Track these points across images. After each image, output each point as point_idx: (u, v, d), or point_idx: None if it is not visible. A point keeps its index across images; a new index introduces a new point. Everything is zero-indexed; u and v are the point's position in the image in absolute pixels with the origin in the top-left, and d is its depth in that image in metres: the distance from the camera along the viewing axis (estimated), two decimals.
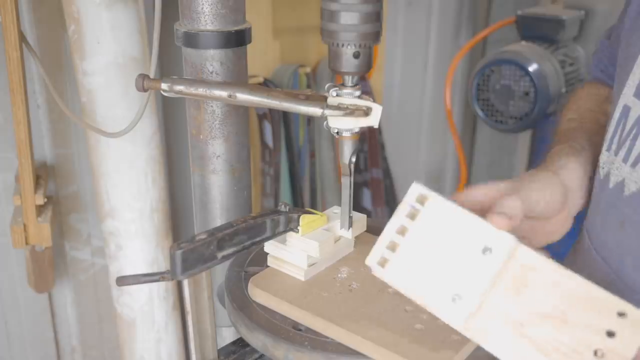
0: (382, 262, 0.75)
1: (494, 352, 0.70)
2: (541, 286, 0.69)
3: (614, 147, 0.81)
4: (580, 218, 0.92)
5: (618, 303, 0.67)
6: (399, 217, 0.76)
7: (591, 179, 0.88)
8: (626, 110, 0.80)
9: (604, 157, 0.84)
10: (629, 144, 0.78)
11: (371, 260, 0.76)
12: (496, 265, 0.71)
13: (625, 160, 0.79)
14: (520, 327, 0.69)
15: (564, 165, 0.85)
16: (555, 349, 0.67)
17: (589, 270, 0.86)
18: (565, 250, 0.98)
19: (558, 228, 0.84)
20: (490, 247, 0.71)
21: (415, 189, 0.76)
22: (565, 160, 0.86)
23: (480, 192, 0.78)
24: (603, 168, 0.84)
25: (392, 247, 0.75)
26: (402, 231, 0.75)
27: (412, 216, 0.76)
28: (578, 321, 0.67)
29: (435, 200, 0.76)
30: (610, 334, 0.67)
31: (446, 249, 0.73)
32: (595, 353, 0.66)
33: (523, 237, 0.74)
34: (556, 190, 0.81)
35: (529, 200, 0.77)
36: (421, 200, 0.76)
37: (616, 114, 0.82)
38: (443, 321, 0.73)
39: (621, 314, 0.67)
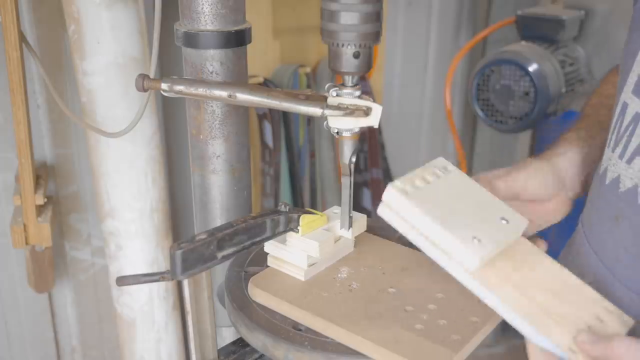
0: (405, 192, 0.76)
1: (496, 305, 0.72)
2: (542, 270, 0.75)
3: (612, 143, 0.82)
4: (577, 212, 0.93)
5: (606, 302, 0.74)
6: (423, 170, 0.79)
7: (593, 165, 0.91)
8: (624, 107, 0.81)
9: (604, 154, 0.85)
10: (625, 140, 0.79)
11: (393, 187, 0.76)
12: (511, 232, 0.76)
13: (621, 156, 0.80)
14: (523, 289, 0.72)
15: (563, 153, 0.91)
16: (555, 311, 0.70)
17: (583, 265, 0.87)
18: (563, 244, 0.99)
19: (557, 209, 0.91)
20: (507, 218, 0.76)
21: (440, 161, 0.81)
22: (565, 149, 0.92)
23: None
24: (602, 164, 0.85)
25: (415, 186, 0.76)
26: (426, 180, 0.78)
27: (437, 175, 0.79)
28: (573, 302, 0.72)
29: (459, 172, 0.80)
30: (600, 320, 0.72)
31: (468, 203, 0.77)
32: (589, 328, 0.69)
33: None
34: (546, 176, 0.89)
35: (516, 185, 0.87)
36: (445, 168, 0.80)
37: (616, 111, 0.83)
38: (447, 267, 0.74)
39: (608, 310, 0.73)
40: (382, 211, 0.78)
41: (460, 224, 0.73)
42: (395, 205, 0.76)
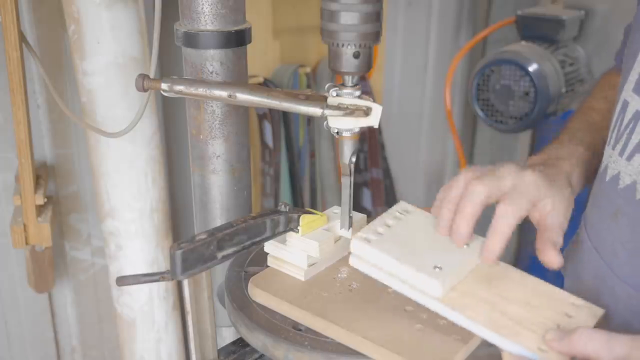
0: (368, 240, 0.81)
1: (468, 325, 0.75)
2: (508, 285, 0.79)
3: (612, 141, 0.83)
4: (578, 206, 0.93)
5: (574, 298, 0.78)
6: (383, 218, 0.86)
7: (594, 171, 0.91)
8: (625, 105, 0.82)
9: (605, 151, 0.86)
10: (625, 137, 0.80)
11: (357, 239, 0.82)
12: (473, 255, 0.80)
13: (621, 153, 0.80)
14: (492, 304, 0.76)
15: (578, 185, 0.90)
16: (523, 317, 0.74)
17: (584, 261, 0.87)
18: (566, 242, 0.99)
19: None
20: (469, 243, 0.81)
21: (401, 205, 0.88)
22: (580, 180, 0.90)
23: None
24: (603, 162, 0.86)
25: (377, 233, 0.83)
26: (387, 225, 0.84)
27: (398, 219, 0.86)
28: (541, 306, 0.76)
29: (420, 212, 0.87)
30: (569, 316, 0.75)
31: (428, 237, 0.82)
32: (558, 326, 0.73)
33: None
34: (565, 199, 0.85)
35: (544, 211, 0.83)
36: (405, 211, 0.87)
37: (617, 109, 0.84)
38: (418, 300, 0.78)
39: (576, 305, 0.77)
40: (353, 262, 0.83)
41: (421, 257, 0.79)
42: (361, 253, 0.82)
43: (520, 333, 0.72)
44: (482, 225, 0.82)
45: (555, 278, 1.00)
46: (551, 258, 0.80)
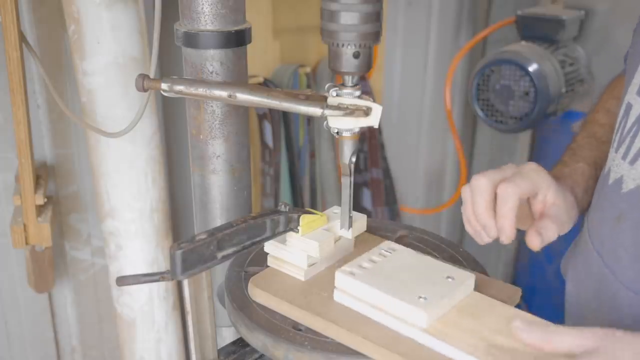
0: (352, 274, 0.83)
1: (454, 355, 0.74)
2: (493, 317, 0.78)
3: (615, 144, 0.82)
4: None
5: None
6: (369, 254, 0.87)
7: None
8: (628, 108, 0.81)
9: (609, 154, 0.86)
10: (628, 141, 0.79)
11: (341, 272, 0.83)
12: (458, 288, 0.80)
13: (624, 157, 0.80)
14: (477, 334, 0.75)
15: (582, 200, 0.91)
16: (511, 349, 0.73)
17: (586, 264, 0.87)
18: (567, 244, 0.99)
19: (568, 227, 0.89)
20: (454, 277, 0.82)
21: (386, 244, 0.90)
22: (584, 195, 0.91)
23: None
24: (606, 165, 0.85)
25: (362, 267, 0.84)
26: (372, 260, 0.86)
27: (383, 256, 0.87)
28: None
29: (406, 250, 0.89)
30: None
31: (413, 270, 0.84)
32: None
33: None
34: (572, 216, 0.88)
35: (563, 224, 0.85)
36: (391, 249, 0.89)
37: (620, 112, 0.83)
38: (402, 332, 0.78)
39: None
40: (337, 296, 0.83)
41: (405, 289, 0.80)
42: (346, 287, 0.82)
43: None
44: None
45: (556, 277, 1.00)
46: (532, 243, 0.82)
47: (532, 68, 1.96)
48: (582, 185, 0.91)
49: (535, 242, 0.81)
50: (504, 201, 0.81)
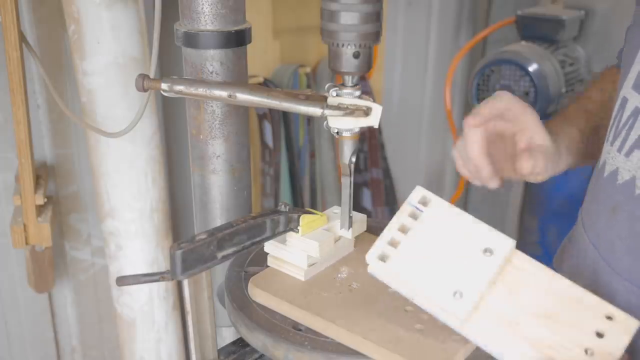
0: (383, 257, 0.77)
1: (490, 349, 0.72)
2: (535, 289, 0.73)
3: (610, 137, 0.84)
4: (577, 206, 0.93)
5: (607, 307, 0.72)
6: (401, 216, 0.79)
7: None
8: (624, 101, 0.83)
9: (603, 147, 0.87)
10: (624, 134, 0.81)
11: (372, 255, 0.77)
12: (495, 266, 0.74)
13: (620, 149, 0.81)
14: (515, 325, 0.72)
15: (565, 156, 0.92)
16: (548, 346, 0.70)
17: (581, 256, 0.88)
18: (562, 238, 1.00)
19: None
20: (491, 248, 0.74)
21: (419, 192, 0.79)
22: (567, 154, 0.92)
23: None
24: (601, 158, 0.87)
25: (394, 244, 0.77)
26: (403, 229, 0.78)
27: (415, 216, 0.78)
28: (569, 321, 0.71)
29: (438, 202, 0.79)
30: (599, 335, 0.70)
31: (447, 247, 0.76)
32: (586, 351, 0.69)
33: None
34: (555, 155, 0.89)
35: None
36: (424, 202, 0.79)
37: (616, 106, 0.84)
38: (440, 319, 0.75)
39: (609, 317, 0.71)
40: (372, 271, 0.79)
41: (439, 281, 0.74)
42: (378, 274, 0.79)
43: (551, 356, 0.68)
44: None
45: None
46: (523, 163, 0.83)
47: (532, 68, 1.96)
48: (567, 144, 0.92)
49: (526, 164, 0.82)
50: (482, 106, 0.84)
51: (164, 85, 0.88)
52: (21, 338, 1.79)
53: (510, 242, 0.76)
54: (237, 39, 1.03)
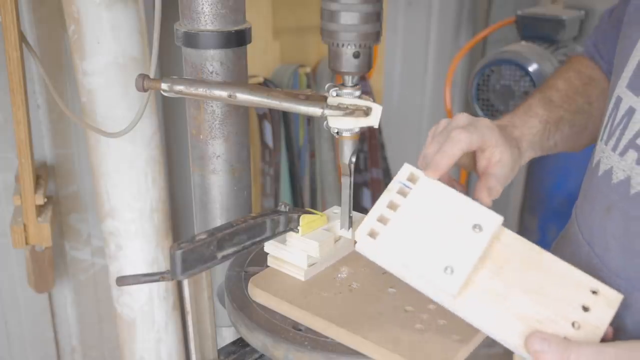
0: (373, 234, 0.77)
1: (479, 325, 0.73)
2: (522, 265, 0.75)
3: (605, 136, 0.84)
4: (571, 203, 0.94)
5: (591, 281, 0.74)
6: (390, 193, 0.79)
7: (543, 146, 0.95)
8: (618, 101, 0.83)
9: (597, 146, 0.87)
10: (618, 133, 0.81)
11: (361, 232, 0.77)
12: (485, 242, 0.75)
13: (614, 149, 0.81)
14: (504, 301, 0.73)
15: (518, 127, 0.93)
16: (537, 320, 0.71)
17: (575, 254, 0.88)
18: (556, 235, 1.00)
19: (500, 162, 0.89)
20: (480, 224, 0.76)
21: (407, 169, 0.80)
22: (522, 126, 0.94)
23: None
24: (595, 156, 0.87)
25: (383, 221, 0.77)
26: (393, 206, 0.78)
27: (404, 194, 0.79)
28: (556, 296, 0.72)
29: (426, 179, 0.80)
30: (585, 309, 0.72)
31: (437, 223, 0.77)
32: (573, 325, 0.70)
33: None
34: (513, 157, 0.89)
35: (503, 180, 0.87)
36: (412, 179, 0.80)
37: (610, 105, 0.85)
38: (431, 296, 0.75)
39: (594, 292, 0.74)
40: (360, 248, 0.78)
41: (429, 257, 0.74)
42: (367, 252, 0.77)
43: (538, 329, 0.70)
44: None
45: None
46: (483, 200, 0.83)
47: (532, 68, 1.96)
48: (529, 138, 0.93)
49: (486, 199, 0.83)
50: (453, 143, 0.82)
51: (164, 85, 0.88)
52: (21, 338, 1.79)
53: (499, 218, 0.77)
54: (237, 39, 1.03)
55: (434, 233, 0.76)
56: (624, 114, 0.80)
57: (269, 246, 0.91)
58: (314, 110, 0.86)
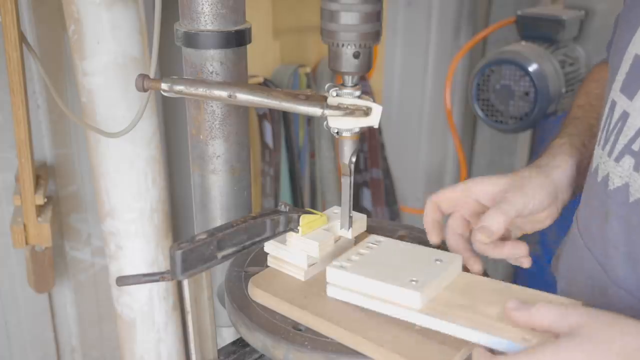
0: (343, 267, 0.84)
1: (451, 329, 0.76)
2: (485, 291, 0.81)
3: (601, 141, 0.83)
4: (573, 207, 0.93)
5: (552, 297, 0.78)
6: (355, 249, 0.88)
7: (584, 174, 0.92)
8: (613, 104, 0.81)
9: (595, 151, 0.86)
10: (613, 138, 0.79)
11: (332, 266, 0.84)
12: (447, 270, 0.82)
13: (610, 154, 0.80)
14: (470, 307, 0.77)
15: (559, 165, 0.91)
16: (502, 318, 0.74)
17: (577, 259, 0.87)
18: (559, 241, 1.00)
19: (545, 219, 0.91)
20: (442, 259, 0.84)
21: (371, 237, 0.92)
22: (561, 160, 0.92)
23: (479, 188, 0.89)
24: (593, 162, 0.85)
25: (351, 261, 0.85)
26: (360, 253, 0.87)
27: (369, 249, 0.89)
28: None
29: (391, 240, 0.91)
30: None
31: (402, 258, 0.86)
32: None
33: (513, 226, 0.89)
34: (545, 193, 0.88)
35: (517, 207, 0.85)
36: (377, 242, 0.91)
37: (605, 109, 0.83)
38: (397, 315, 0.79)
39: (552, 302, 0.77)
40: (331, 291, 0.84)
41: (396, 275, 0.81)
42: (338, 280, 0.83)
43: (503, 328, 0.73)
44: None
45: (547, 279, 1.00)
46: (473, 268, 0.87)
47: (532, 68, 1.96)
48: (552, 153, 0.93)
49: (483, 238, 0.84)
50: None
51: (164, 85, 0.88)
52: (21, 338, 1.79)
53: (459, 257, 0.85)
54: (237, 39, 1.03)
55: (399, 262, 0.85)
56: (619, 119, 0.79)
57: (269, 246, 0.91)
58: (314, 110, 0.86)
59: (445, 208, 0.91)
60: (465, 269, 0.87)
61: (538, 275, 1.29)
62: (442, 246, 0.92)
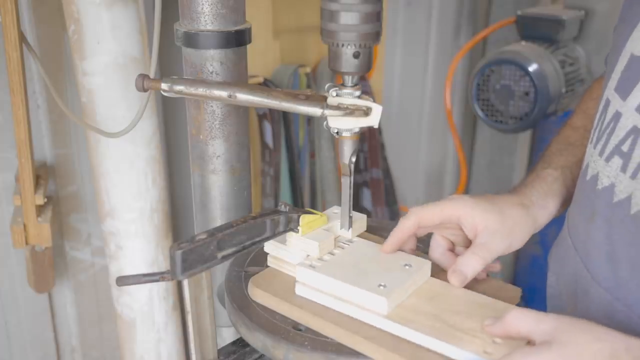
0: (313, 266, 0.85)
1: (414, 337, 0.76)
2: (451, 299, 0.81)
3: (594, 139, 0.83)
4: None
5: (508, 307, 0.79)
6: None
7: (566, 206, 0.93)
8: (607, 103, 0.81)
9: (587, 150, 0.86)
10: (605, 138, 0.79)
11: (301, 265, 0.85)
12: (415, 274, 0.83)
13: (600, 154, 0.80)
14: (435, 316, 0.78)
15: (546, 207, 0.91)
16: (467, 327, 0.76)
17: (564, 258, 0.87)
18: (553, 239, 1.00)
19: (518, 244, 0.90)
20: (411, 263, 0.85)
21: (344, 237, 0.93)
22: (551, 201, 0.92)
23: (466, 219, 0.87)
24: (585, 160, 0.85)
25: (322, 261, 0.87)
26: (331, 254, 0.89)
27: (341, 249, 0.90)
28: (483, 315, 0.77)
29: (362, 240, 0.93)
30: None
31: (372, 260, 0.87)
32: (494, 341, 0.73)
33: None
34: (527, 235, 0.89)
35: (497, 254, 0.86)
36: (349, 242, 0.92)
37: (600, 107, 0.83)
38: (363, 318, 0.79)
39: None
40: (299, 290, 0.85)
41: (365, 278, 0.82)
42: (307, 279, 0.84)
43: (465, 339, 0.73)
44: None
45: (542, 274, 1.00)
46: (452, 282, 0.85)
47: (532, 68, 1.96)
48: (544, 190, 0.92)
49: (455, 282, 0.84)
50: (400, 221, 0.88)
51: (164, 85, 0.88)
52: (21, 338, 1.79)
53: (428, 262, 0.86)
54: (237, 39, 1.03)
55: (369, 265, 0.85)
56: (611, 118, 0.78)
57: (269, 246, 0.91)
58: (314, 110, 0.86)
59: (425, 225, 0.89)
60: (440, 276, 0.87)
61: (539, 275, 1.29)
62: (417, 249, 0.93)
